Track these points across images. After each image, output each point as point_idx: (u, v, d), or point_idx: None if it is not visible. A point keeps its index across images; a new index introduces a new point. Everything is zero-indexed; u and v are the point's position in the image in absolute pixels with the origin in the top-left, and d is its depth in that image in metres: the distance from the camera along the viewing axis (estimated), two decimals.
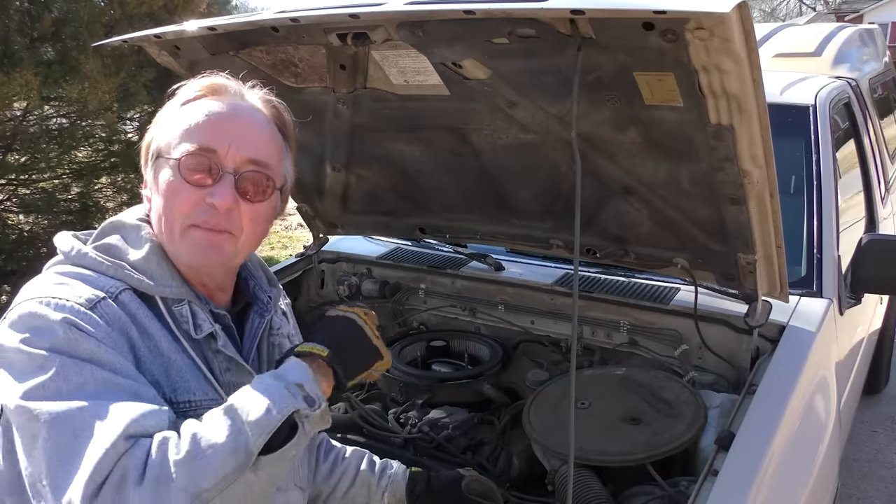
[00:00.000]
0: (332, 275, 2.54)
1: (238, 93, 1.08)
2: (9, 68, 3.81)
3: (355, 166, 2.06)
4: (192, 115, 1.03)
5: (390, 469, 1.44)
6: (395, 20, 1.38)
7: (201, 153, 1.01)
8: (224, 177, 1.01)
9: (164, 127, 1.06)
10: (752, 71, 1.22)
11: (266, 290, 1.19)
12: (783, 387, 1.59)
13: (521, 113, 1.59)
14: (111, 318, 0.95)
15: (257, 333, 1.16)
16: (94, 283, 0.98)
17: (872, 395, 3.71)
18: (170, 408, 0.95)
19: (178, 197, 1.01)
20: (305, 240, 2.62)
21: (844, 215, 2.37)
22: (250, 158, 1.03)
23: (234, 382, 1.06)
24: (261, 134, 1.06)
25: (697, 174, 1.54)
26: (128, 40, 1.72)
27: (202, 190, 1.01)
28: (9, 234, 4.89)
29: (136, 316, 0.99)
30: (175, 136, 1.03)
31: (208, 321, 1.05)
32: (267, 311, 1.18)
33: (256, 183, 1.04)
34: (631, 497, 1.49)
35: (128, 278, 1.01)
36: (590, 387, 1.76)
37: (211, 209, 1.01)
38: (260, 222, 1.08)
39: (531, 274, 2.21)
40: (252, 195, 1.04)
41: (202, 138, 1.01)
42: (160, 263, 1.04)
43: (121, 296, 0.98)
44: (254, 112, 1.07)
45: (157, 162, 1.05)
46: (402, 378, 2.02)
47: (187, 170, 1.01)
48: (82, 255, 1.02)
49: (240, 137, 1.03)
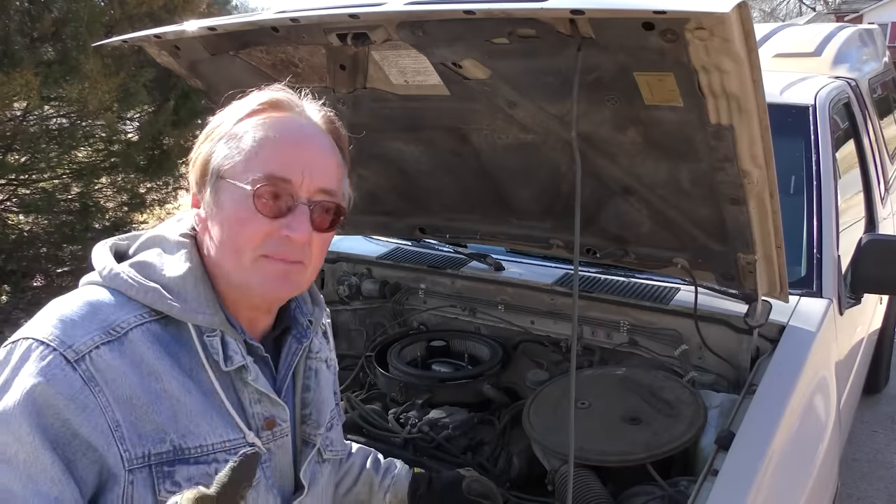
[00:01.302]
0: (332, 275, 2.54)
1: (299, 107, 1.04)
2: (9, 68, 3.81)
3: (355, 166, 2.04)
4: (259, 136, 0.98)
5: (394, 469, 1.44)
6: (395, 20, 1.38)
7: (276, 182, 0.96)
8: (299, 208, 0.97)
9: (225, 144, 1.00)
10: (752, 71, 1.22)
11: (307, 312, 1.15)
12: (783, 387, 1.59)
13: (521, 113, 1.59)
14: (98, 371, 0.89)
15: (293, 361, 1.10)
16: (107, 317, 0.93)
17: (872, 395, 3.71)
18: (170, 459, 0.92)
19: (248, 226, 0.97)
20: None
21: (844, 215, 2.37)
22: (322, 188, 1.00)
23: (264, 414, 1.03)
24: (329, 159, 1.03)
25: (697, 174, 1.54)
26: (128, 40, 1.72)
27: (276, 221, 0.97)
28: (9, 234, 4.90)
29: (145, 357, 0.93)
30: (241, 158, 0.98)
31: (240, 353, 1.00)
32: (305, 337, 1.12)
33: (328, 212, 1.02)
34: (631, 497, 1.49)
35: (157, 303, 0.96)
36: (590, 387, 1.76)
37: (286, 241, 0.97)
38: (327, 249, 1.06)
39: (531, 274, 2.21)
40: (324, 225, 1.01)
41: (275, 166, 0.97)
42: (197, 286, 0.98)
43: (131, 333, 0.93)
44: (319, 134, 1.04)
45: (218, 183, 0.99)
46: (402, 378, 2.02)
47: (261, 200, 0.96)
48: (113, 276, 0.97)
49: (312, 166, 0.99)
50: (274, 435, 1.05)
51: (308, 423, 1.13)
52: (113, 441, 0.88)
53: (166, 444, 0.92)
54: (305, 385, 1.13)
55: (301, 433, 1.12)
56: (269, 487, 1.04)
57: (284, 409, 1.06)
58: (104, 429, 0.88)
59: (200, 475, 0.93)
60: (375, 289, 2.38)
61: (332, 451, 1.20)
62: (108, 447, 0.88)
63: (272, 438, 1.05)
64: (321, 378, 1.16)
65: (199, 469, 0.94)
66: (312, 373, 1.15)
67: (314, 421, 1.13)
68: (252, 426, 1.01)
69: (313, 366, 1.15)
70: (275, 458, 1.06)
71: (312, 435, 1.13)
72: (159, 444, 0.92)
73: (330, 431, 1.19)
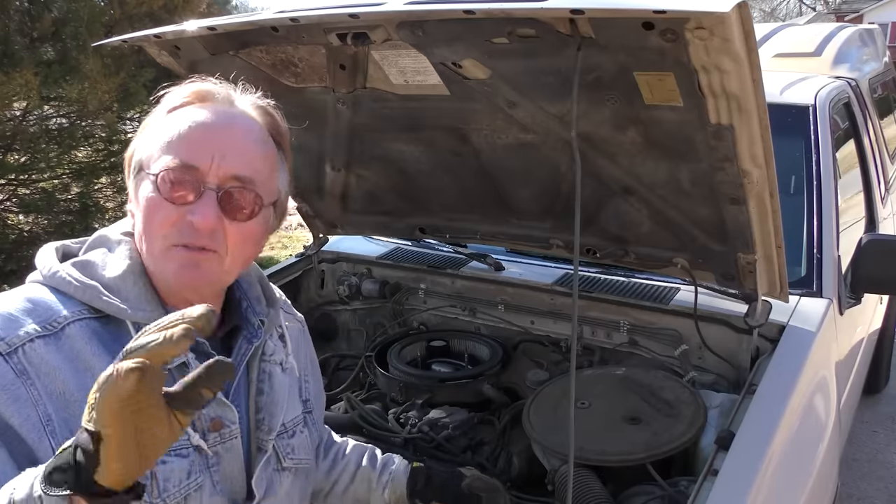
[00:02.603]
0: (332, 275, 2.54)
1: (227, 99, 1.01)
2: (9, 68, 3.81)
3: (355, 166, 2.06)
4: (175, 125, 0.97)
5: (392, 465, 1.43)
6: (395, 20, 1.38)
7: (182, 168, 0.94)
8: (206, 194, 0.94)
9: (146, 137, 0.99)
10: (752, 71, 1.22)
11: (259, 312, 1.11)
12: (783, 387, 1.59)
13: (521, 113, 1.59)
14: (31, 364, 0.87)
15: (243, 360, 1.07)
16: (44, 312, 0.92)
17: (872, 395, 3.71)
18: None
19: (157, 214, 0.95)
20: (305, 240, 2.63)
21: (844, 215, 2.37)
22: (235, 175, 0.96)
23: (210, 415, 0.99)
24: (249, 146, 0.99)
25: (697, 174, 1.54)
26: (128, 40, 1.72)
27: (182, 208, 0.94)
28: (9, 234, 4.90)
29: (81, 353, 0.91)
30: (156, 148, 0.96)
31: None
32: (256, 337, 1.09)
33: (242, 199, 0.97)
34: (631, 497, 1.49)
35: (95, 301, 0.94)
36: (590, 387, 1.76)
37: (190, 227, 0.94)
38: (249, 242, 1.00)
39: (531, 274, 2.21)
40: (237, 214, 0.97)
41: (183, 152, 0.94)
42: (136, 283, 0.97)
43: (68, 328, 0.91)
44: (243, 121, 1.00)
45: (138, 175, 0.98)
46: (402, 378, 2.01)
47: (166, 186, 0.94)
48: (52, 275, 0.96)
49: (225, 151, 0.95)
50: (221, 437, 1.01)
51: (261, 429, 1.08)
52: (45, 435, 0.87)
53: None
54: (259, 388, 1.09)
55: (255, 439, 1.08)
56: (215, 492, 1.00)
57: (232, 410, 1.02)
58: (35, 422, 0.86)
59: None
60: (375, 289, 2.38)
61: (293, 459, 1.15)
62: (39, 441, 0.86)
63: (219, 441, 1.01)
64: (275, 381, 1.11)
65: None
66: (266, 376, 1.10)
67: (267, 426, 1.09)
68: (198, 427, 0.98)
69: (267, 369, 1.11)
70: (223, 461, 1.02)
71: (265, 440, 1.08)
72: None
73: (292, 438, 1.15)
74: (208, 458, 1.00)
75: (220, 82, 1.02)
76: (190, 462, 0.97)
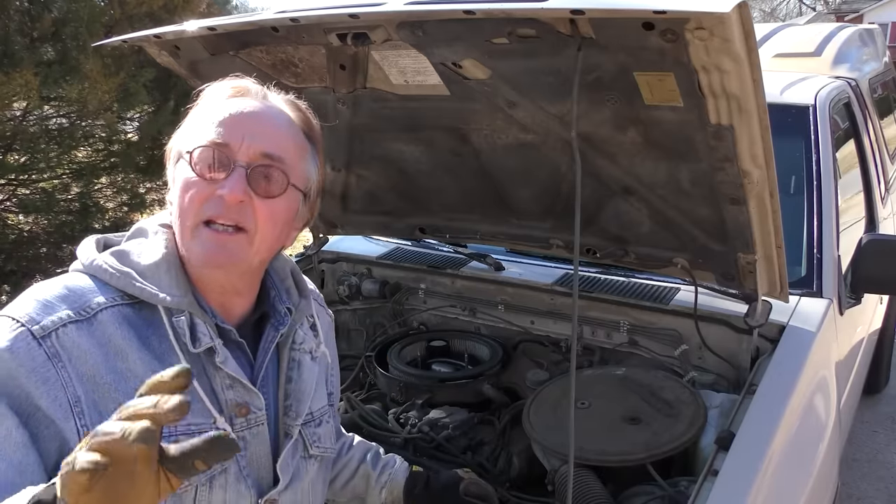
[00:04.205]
0: (332, 275, 2.54)
1: (261, 93, 1.06)
2: (9, 68, 3.81)
3: (355, 166, 2.06)
4: (210, 114, 1.02)
5: (392, 466, 1.44)
6: (395, 20, 1.38)
7: (214, 146, 0.99)
8: (236, 170, 0.98)
9: (185, 129, 1.05)
10: (752, 71, 1.22)
11: (286, 301, 1.15)
12: (783, 387, 1.59)
13: (521, 113, 1.59)
14: (63, 348, 0.91)
15: (270, 347, 1.10)
16: (79, 299, 0.96)
17: (872, 395, 3.71)
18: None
19: (190, 192, 0.99)
20: (305, 240, 2.62)
21: (844, 215, 2.37)
22: (264, 152, 1.00)
23: (237, 401, 1.03)
24: (278, 129, 1.04)
25: (697, 174, 1.54)
26: (128, 40, 1.72)
27: (213, 184, 0.99)
28: (9, 234, 4.90)
29: (113, 338, 0.95)
30: (193, 135, 1.02)
31: (209, 335, 1.01)
32: (282, 325, 1.12)
33: (269, 177, 1.01)
34: (631, 497, 1.49)
35: (129, 287, 0.98)
36: (590, 387, 1.76)
37: (220, 201, 0.98)
38: (278, 222, 1.03)
39: (531, 274, 2.21)
40: (265, 190, 1.00)
41: (217, 134, 1.00)
42: (169, 271, 1.01)
43: (101, 314, 0.96)
44: (276, 111, 1.05)
45: (178, 163, 1.04)
46: (402, 378, 2.02)
47: (198, 163, 0.99)
48: (90, 263, 1.01)
49: (254, 131, 1.01)
50: (248, 422, 1.04)
51: (288, 415, 1.12)
52: (71, 415, 0.90)
53: None
54: (288, 376, 1.13)
55: (282, 425, 1.11)
56: (241, 477, 1.03)
57: (259, 396, 1.05)
58: (63, 403, 0.90)
59: None
60: (375, 289, 2.38)
61: (319, 447, 1.18)
62: (66, 421, 0.90)
63: (246, 426, 1.04)
64: (304, 370, 1.15)
65: None
66: (295, 364, 1.14)
67: (294, 412, 1.12)
68: (224, 412, 1.01)
69: (296, 357, 1.14)
70: (249, 446, 1.05)
71: (291, 426, 1.12)
72: None
73: (318, 427, 1.19)
74: (239, 448, 1.01)
75: (256, 81, 1.08)
76: None
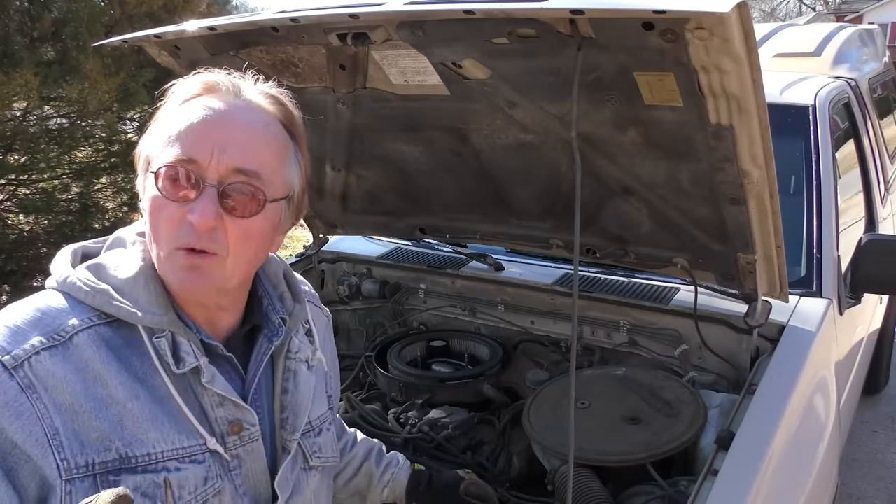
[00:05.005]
0: (332, 275, 2.54)
1: (233, 89, 0.96)
2: (9, 68, 3.81)
3: (355, 166, 2.06)
4: (178, 119, 0.92)
5: (395, 464, 1.44)
6: (395, 20, 1.38)
7: (181, 164, 0.90)
8: (206, 190, 0.89)
9: (153, 133, 0.95)
10: (752, 71, 1.22)
11: (280, 310, 1.08)
12: (783, 387, 1.59)
13: (521, 113, 1.59)
14: (37, 378, 0.84)
15: (262, 360, 1.04)
16: (51, 322, 0.89)
17: (872, 395, 3.71)
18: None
19: (161, 214, 0.91)
20: (305, 240, 2.63)
21: (844, 215, 2.37)
22: (237, 168, 0.91)
23: (228, 418, 0.97)
24: (253, 138, 0.94)
25: (697, 174, 1.54)
26: (128, 40, 1.72)
27: (183, 206, 0.90)
28: (9, 234, 4.90)
29: (91, 363, 0.88)
30: (160, 143, 0.93)
31: (193, 354, 0.94)
32: (276, 336, 1.05)
33: (244, 195, 0.92)
34: (631, 497, 1.49)
35: (105, 306, 0.91)
36: (590, 387, 1.76)
37: (191, 228, 0.89)
38: (253, 240, 0.95)
39: (531, 274, 2.21)
40: (239, 210, 0.92)
41: (183, 147, 0.90)
42: (147, 287, 0.93)
43: (76, 337, 0.88)
44: (249, 112, 0.95)
45: (146, 173, 0.95)
46: (402, 378, 2.02)
47: (166, 184, 0.90)
48: (64, 281, 0.94)
49: (226, 143, 0.91)
50: (241, 440, 0.99)
51: (285, 429, 1.06)
52: (49, 450, 0.84)
53: (111, 452, 0.87)
54: (284, 387, 1.07)
55: (279, 439, 1.06)
56: (237, 496, 0.98)
57: (251, 412, 0.99)
58: (40, 437, 0.83)
59: (148, 484, 0.88)
60: (375, 289, 2.38)
61: (320, 457, 1.13)
62: (43, 457, 0.84)
63: (239, 444, 0.98)
64: (300, 380, 1.08)
65: (147, 478, 0.88)
66: (291, 374, 1.07)
67: (290, 425, 1.06)
68: (216, 431, 0.96)
69: (292, 366, 1.08)
70: (244, 464, 1.00)
71: (289, 441, 1.06)
72: (104, 453, 0.86)
73: (318, 437, 1.14)
74: (227, 462, 0.98)
75: (228, 72, 0.98)
76: (206, 468, 0.94)
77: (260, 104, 0.97)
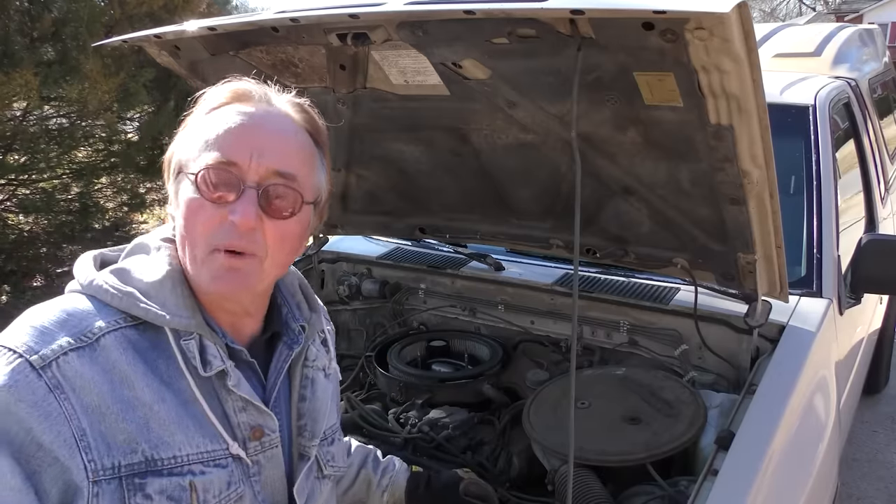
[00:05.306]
0: (332, 275, 2.54)
1: (264, 97, 0.99)
2: (9, 68, 3.81)
3: (355, 166, 2.06)
4: (214, 125, 0.95)
5: (392, 468, 1.44)
6: (395, 20, 1.38)
7: (221, 167, 0.92)
8: (246, 192, 0.92)
9: (186, 139, 0.97)
10: (752, 71, 1.22)
11: (299, 318, 1.10)
12: (783, 387, 1.59)
13: (521, 113, 1.59)
14: (65, 378, 0.85)
15: (283, 367, 1.05)
16: (79, 323, 0.89)
17: (872, 395, 3.71)
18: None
19: (198, 217, 0.93)
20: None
21: (844, 215, 2.37)
22: (275, 171, 0.93)
23: (250, 423, 0.98)
24: (288, 143, 0.97)
25: (697, 174, 1.54)
26: (128, 40, 1.72)
27: (223, 208, 0.92)
28: (9, 234, 4.90)
29: (117, 364, 0.89)
30: (196, 148, 0.95)
31: (220, 357, 0.95)
32: (297, 343, 1.07)
33: (283, 197, 0.94)
34: (631, 497, 1.49)
35: (133, 308, 0.92)
36: (590, 387, 1.76)
37: (232, 228, 0.91)
38: (288, 241, 0.97)
39: (531, 274, 2.21)
40: (278, 211, 0.94)
41: (222, 150, 0.92)
42: (174, 290, 0.95)
43: (103, 339, 0.89)
44: (281, 119, 0.98)
45: (178, 177, 0.96)
46: (402, 378, 2.02)
47: (206, 185, 0.92)
48: (89, 283, 0.94)
49: (264, 147, 0.93)
50: (262, 446, 1.00)
51: (303, 436, 1.08)
52: (77, 451, 0.84)
53: (137, 454, 0.87)
54: (301, 395, 1.08)
55: (297, 445, 1.07)
56: (256, 502, 0.99)
57: (272, 418, 1.01)
58: (68, 437, 0.84)
59: (173, 487, 0.89)
60: (375, 289, 2.38)
61: (333, 466, 1.15)
62: (71, 458, 0.84)
63: (260, 449, 1.00)
64: (317, 388, 1.10)
65: (173, 481, 0.89)
66: (309, 382, 1.09)
67: (309, 432, 1.08)
68: (238, 436, 0.97)
69: (310, 374, 1.10)
70: (264, 470, 1.01)
71: (307, 447, 1.08)
72: (130, 455, 0.87)
73: (331, 446, 1.15)
74: (248, 467, 0.98)
75: (257, 82, 1.00)
76: (229, 472, 0.95)
77: (288, 112, 1.00)
